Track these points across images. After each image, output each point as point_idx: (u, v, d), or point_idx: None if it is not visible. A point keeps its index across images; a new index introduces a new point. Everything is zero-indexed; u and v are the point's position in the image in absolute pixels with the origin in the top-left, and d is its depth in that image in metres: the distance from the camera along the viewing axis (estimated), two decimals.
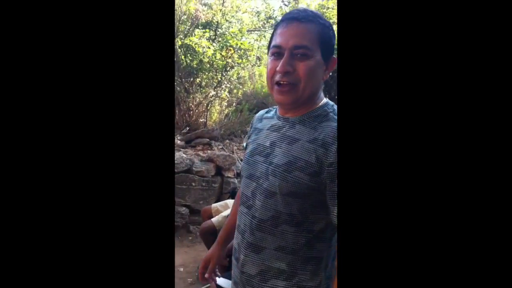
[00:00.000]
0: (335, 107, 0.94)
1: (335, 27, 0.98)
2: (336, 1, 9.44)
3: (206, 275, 1.18)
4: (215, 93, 5.49)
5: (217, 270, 1.21)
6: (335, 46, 0.89)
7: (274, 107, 1.08)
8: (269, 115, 1.06)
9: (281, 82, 0.88)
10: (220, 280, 1.50)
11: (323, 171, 0.85)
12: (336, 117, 0.90)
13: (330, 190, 0.85)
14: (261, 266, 0.94)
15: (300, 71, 0.86)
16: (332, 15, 9.75)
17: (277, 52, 0.89)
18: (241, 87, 6.44)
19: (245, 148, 1.13)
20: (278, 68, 0.87)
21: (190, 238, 3.72)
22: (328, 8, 9.54)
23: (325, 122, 0.89)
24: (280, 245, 0.92)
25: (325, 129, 0.87)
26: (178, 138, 4.66)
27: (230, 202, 3.01)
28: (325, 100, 0.96)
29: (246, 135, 1.14)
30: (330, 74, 0.94)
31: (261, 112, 1.12)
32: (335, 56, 0.92)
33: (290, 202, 0.89)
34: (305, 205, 0.89)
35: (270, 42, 0.93)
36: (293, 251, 0.91)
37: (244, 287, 0.98)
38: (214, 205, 3.00)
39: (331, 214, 0.87)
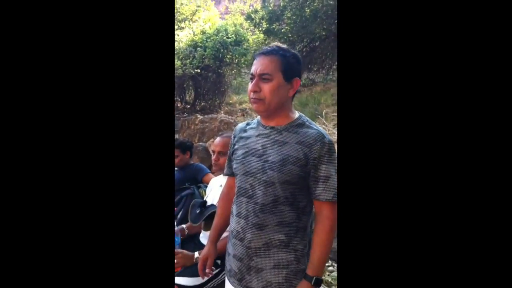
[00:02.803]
0: (307, 118, 1.33)
1: None
2: None
3: (207, 270, 1.43)
4: None
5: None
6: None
7: (252, 120, 1.41)
8: (251, 126, 1.39)
9: (253, 98, 1.24)
10: (181, 280, 1.73)
11: (309, 163, 1.21)
12: (310, 124, 1.28)
13: (313, 176, 1.22)
14: (265, 240, 1.25)
15: (264, 90, 1.22)
16: None
17: (251, 78, 1.26)
18: None
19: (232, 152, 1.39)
20: (249, 89, 1.24)
21: None
22: None
23: (304, 129, 1.26)
24: (279, 221, 1.24)
25: (306, 134, 1.24)
26: None
27: None
28: (298, 113, 1.32)
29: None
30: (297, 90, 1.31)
31: (241, 124, 1.45)
32: (298, 78, 1.29)
33: (286, 188, 1.22)
34: (295, 189, 1.24)
35: None
36: (288, 224, 1.25)
37: (251, 259, 1.27)
38: None
39: (314, 193, 1.24)
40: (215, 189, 2.09)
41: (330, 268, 2.77)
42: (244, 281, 1.29)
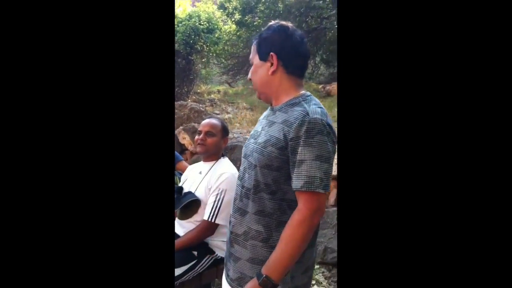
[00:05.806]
0: (311, 97, 1.14)
1: None
2: None
3: None
4: None
5: None
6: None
7: None
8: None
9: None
10: None
11: (288, 145, 1.04)
12: (305, 104, 1.09)
13: (291, 161, 1.05)
14: (244, 227, 1.17)
15: (252, 76, 1.23)
16: None
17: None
18: None
19: None
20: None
21: None
22: None
23: (295, 107, 1.09)
24: (258, 209, 1.13)
25: (293, 112, 1.07)
26: None
27: None
28: (302, 92, 1.16)
29: None
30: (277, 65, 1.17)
31: None
32: (273, 53, 1.14)
33: (266, 174, 1.10)
34: (279, 177, 1.09)
35: None
36: (269, 214, 1.11)
37: (232, 245, 1.22)
38: None
39: (292, 180, 1.05)
40: (193, 176, 2.02)
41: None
42: (226, 267, 1.27)
